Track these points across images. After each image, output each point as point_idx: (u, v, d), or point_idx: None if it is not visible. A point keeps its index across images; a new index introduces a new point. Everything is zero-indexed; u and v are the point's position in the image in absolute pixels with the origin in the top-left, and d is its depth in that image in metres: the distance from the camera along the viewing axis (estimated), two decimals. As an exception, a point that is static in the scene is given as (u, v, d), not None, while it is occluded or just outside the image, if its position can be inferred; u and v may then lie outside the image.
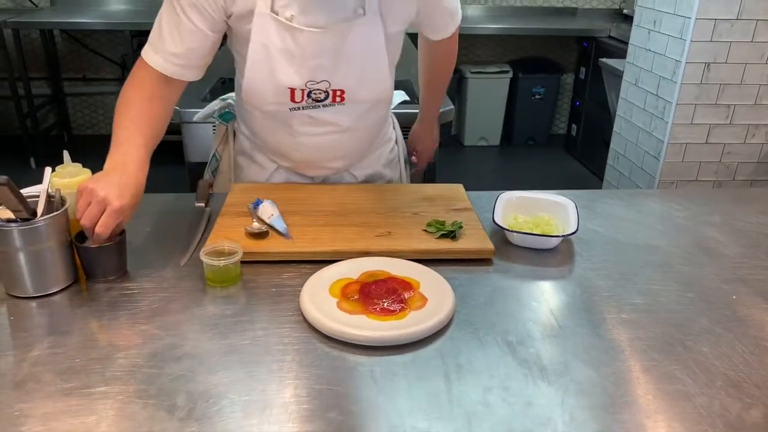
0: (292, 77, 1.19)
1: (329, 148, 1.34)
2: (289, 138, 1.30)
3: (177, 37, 1.14)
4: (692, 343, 0.90)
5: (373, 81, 1.25)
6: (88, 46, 4.38)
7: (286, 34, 1.15)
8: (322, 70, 1.19)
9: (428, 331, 0.89)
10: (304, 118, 1.26)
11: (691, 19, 2.50)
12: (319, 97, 1.23)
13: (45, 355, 0.84)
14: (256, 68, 1.19)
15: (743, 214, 1.35)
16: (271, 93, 1.22)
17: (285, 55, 1.17)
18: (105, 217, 0.96)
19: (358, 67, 1.21)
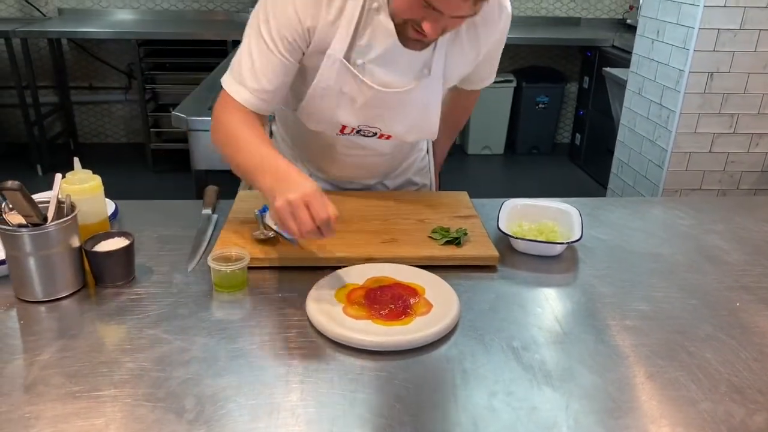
0: (348, 118, 1.21)
1: (367, 168, 1.39)
2: (330, 155, 1.34)
3: (271, 74, 1.10)
4: (696, 349, 0.91)
5: (422, 128, 1.27)
6: (95, 55, 4.42)
7: (353, 82, 1.15)
8: (378, 119, 1.22)
9: (433, 336, 0.90)
10: (347, 142, 1.30)
11: (694, 29, 2.51)
12: (368, 134, 1.26)
13: (54, 358, 0.85)
14: (315, 102, 1.18)
15: (747, 222, 1.35)
16: (322, 124, 1.24)
17: (346, 100, 1.17)
18: (314, 207, 0.94)
19: (412, 120, 1.24)
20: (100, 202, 1.11)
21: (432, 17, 1.00)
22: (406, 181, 1.50)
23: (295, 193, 0.95)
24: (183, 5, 4.37)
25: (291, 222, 0.95)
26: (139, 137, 4.51)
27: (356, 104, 1.18)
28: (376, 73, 1.14)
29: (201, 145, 2.11)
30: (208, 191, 1.33)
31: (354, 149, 1.32)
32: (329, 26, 1.09)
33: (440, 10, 0.97)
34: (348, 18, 1.08)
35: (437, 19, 1.00)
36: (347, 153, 1.33)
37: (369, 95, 1.16)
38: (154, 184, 4.01)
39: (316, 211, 0.94)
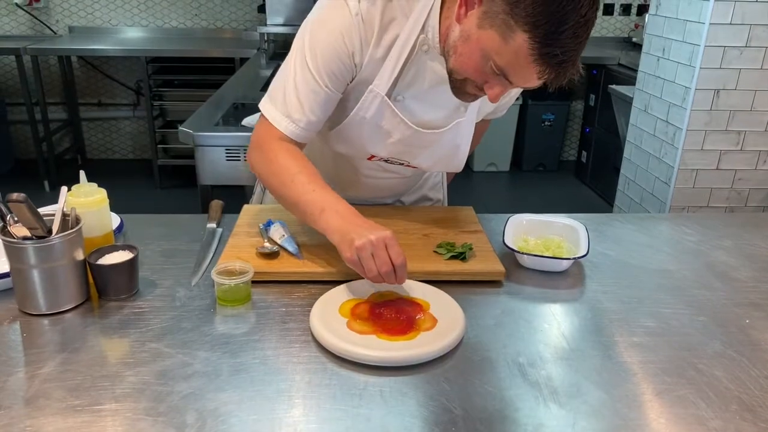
0: (378, 149, 1.21)
1: (387, 189, 1.40)
2: (353, 176, 1.34)
3: (315, 106, 1.10)
4: (705, 366, 0.89)
5: (448, 164, 1.27)
6: (104, 72, 4.47)
7: (393, 120, 1.14)
8: (408, 154, 1.22)
9: (438, 352, 0.89)
10: (372, 166, 1.30)
11: (700, 47, 2.52)
12: (394, 163, 1.26)
13: (56, 371, 0.84)
14: (348, 131, 1.18)
15: (755, 238, 1.34)
16: (352, 150, 1.23)
17: (382, 133, 1.16)
18: (393, 250, 0.97)
19: (440, 156, 1.23)
20: (105, 215, 1.11)
21: (500, 84, 0.96)
22: (421, 197, 1.50)
23: (377, 235, 0.97)
24: (192, 23, 4.43)
25: (370, 261, 0.96)
26: (147, 153, 4.54)
27: (391, 139, 1.18)
28: (415, 111, 1.14)
29: (207, 161, 2.12)
30: (213, 205, 1.33)
31: (378, 172, 1.32)
32: (375, 62, 1.08)
33: (513, 82, 0.94)
34: (396, 57, 1.07)
35: (504, 86, 0.96)
36: (370, 175, 1.33)
37: (407, 134, 1.16)
38: (161, 200, 4.03)
39: (396, 253, 0.97)
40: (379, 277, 0.97)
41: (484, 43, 0.92)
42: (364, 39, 1.05)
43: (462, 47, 0.96)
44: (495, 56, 0.91)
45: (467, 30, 0.94)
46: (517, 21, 0.86)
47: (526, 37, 0.86)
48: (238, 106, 2.61)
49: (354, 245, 0.97)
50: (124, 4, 4.34)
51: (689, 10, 2.59)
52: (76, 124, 4.54)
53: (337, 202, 1.06)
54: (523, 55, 0.88)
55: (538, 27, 0.85)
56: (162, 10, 4.38)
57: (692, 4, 2.57)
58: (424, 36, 1.06)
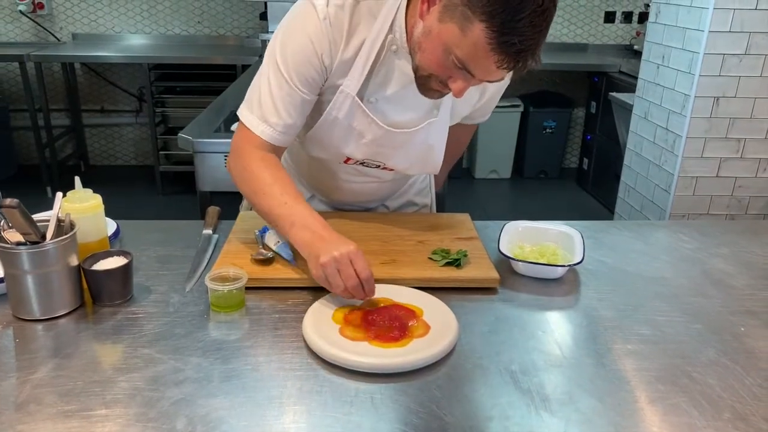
0: (354, 152, 1.21)
1: (369, 193, 1.39)
2: (332, 181, 1.35)
3: (291, 109, 1.11)
4: (699, 374, 0.89)
5: (424, 166, 1.29)
6: (107, 79, 4.50)
7: (364, 120, 1.15)
8: (383, 156, 1.23)
9: (431, 359, 0.89)
10: (350, 170, 1.30)
11: (699, 54, 2.52)
12: (371, 165, 1.26)
13: (48, 377, 0.84)
14: (322, 133, 1.19)
15: (752, 246, 1.34)
16: (327, 153, 1.24)
17: (354, 135, 1.17)
18: (358, 265, 0.97)
19: (415, 157, 1.24)
20: (100, 221, 1.11)
21: (462, 78, 0.97)
22: (406, 202, 1.50)
23: (340, 251, 0.98)
24: (194, 30, 4.45)
25: (336, 277, 0.97)
26: (149, 159, 4.56)
27: (364, 140, 1.18)
28: (387, 112, 1.15)
29: (206, 167, 2.13)
30: (210, 211, 1.34)
31: (356, 176, 1.32)
32: (345, 64, 1.10)
33: (474, 74, 0.95)
34: (365, 57, 1.09)
35: (467, 80, 0.98)
36: (349, 180, 1.33)
37: (378, 134, 1.17)
38: (162, 206, 4.04)
39: (361, 267, 0.98)
40: (347, 292, 0.98)
41: (444, 37, 0.93)
42: (333, 42, 1.07)
43: (425, 43, 0.98)
44: (455, 49, 0.93)
45: (429, 25, 0.96)
46: (474, 11, 0.88)
47: (483, 27, 0.88)
48: (239, 112, 2.62)
49: (319, 262, 0.98)
50: (127, 12, 4.37)
51: (689, 17, 2.59)
52: (79, 130, 4.56)
53: (307, 215, 1.07)
54: (482, 45, 0.89)
55: (494, 16, 0.87)
56: (165, 17, 4.41)
57: (692, 12, 2.57)
58: (392, 36, 1.08)
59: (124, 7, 4.36)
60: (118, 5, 4.35)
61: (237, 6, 4.41)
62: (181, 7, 4.40)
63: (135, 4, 4.35)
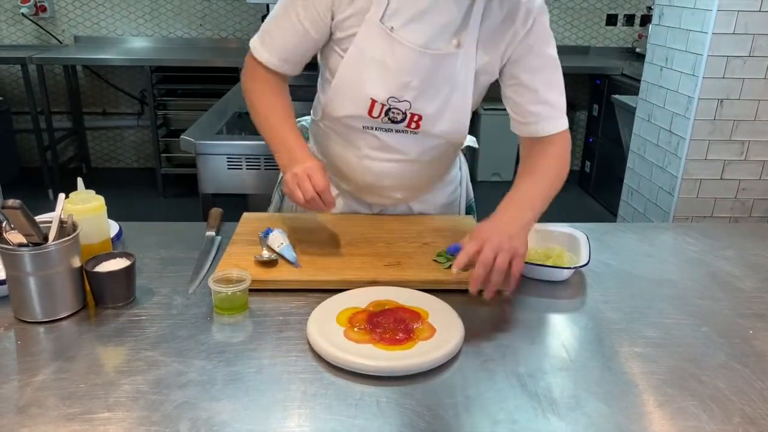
0: (378, 89, 1.19)
1: (392, 176, 1.32)
2: (356, 159, 1.31)
3: (283, 32, 1.20)
4: (708, 378, 0.88)
5: (451, 115, 1.24)
6: (108, 81, 4.50)
7: (387, 45, 1.16)
8: (408, 89, 1.19)
9: (436, 362, 0.88)
10: (373, 141, 1.26)
11: (703, 56, 2.51)
12: (396, 118, 1.22)
13: (50, 380, 0.84)
14: (347, 72, 1.20)
15: (758, 248, 1.33)
16: (352, 102, 1.22)
17: (378, 66, 1.17)
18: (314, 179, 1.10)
19: (442, 97, 1.21)
20: (103, 222, 1.10)
21: None
22: (431, 210, 1.44)
23: (302, 167, 1.11)
24: (196, 33, 4.45)
25: (296, 191, 1.10)
26: (150, 162, 4.56)
27: (387, 68, 1.17)
28: (407, 36, 1.16)
29: (209, 169, 2.12)
30: (213, 213, 1.33)
31: (379, 151, 1.28)
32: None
33: None
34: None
35: None
36: (372, 155, 1.29)
37: (400, 56, 1.16)
38: (164, 209, 4.03)
39: (317, 180, 1.10)
40: (308, 204, 1.10)
41: None
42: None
43: None
44: None
45: None
46: None
47: None
48: (242, 114, 2.62)
49: (286, 179, 1.12)
50: (129, 14, 4.37)
51: (692, 19, 2.59)
52: (81, 133, 4.56)
53: (288, 141, 1.19)
54: None
55: None
56: (167, 20, 4.41)
57: (695, 14, 2.57)
58: None
59: (126, 10, 4.36)
60: (120, 8, 4.35)
61: (239, 9, 4.41)
62: (183, 10, 4.40)
63: (137, 6, 4.36)
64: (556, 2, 4.57)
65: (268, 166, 2.12)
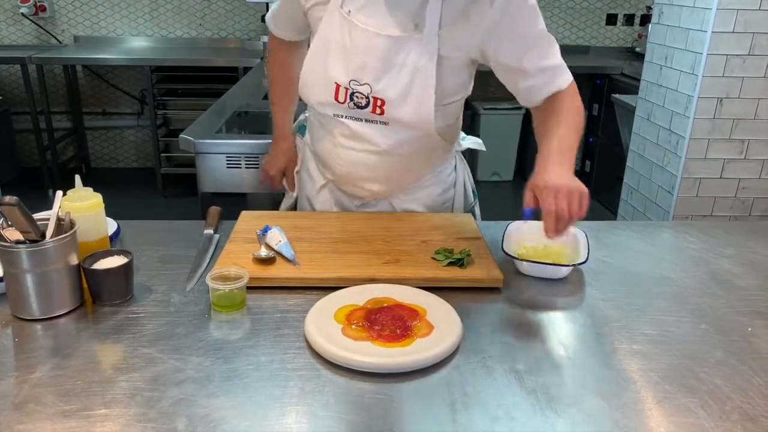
0: (339, 72, 1.23)
1: (365, 167, 1.33)
2: (331, 146, 1.35)
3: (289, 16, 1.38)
4: (706, 375, 0.88)
5: (414, 100, 1.22)
6: (108, 81, 4.50)
7: (345, 28, 1.21)
8: (367, 71, 1.21)
9: (434, 359, 0.88)
10: (345, 129, 1.29)
11: (702, 55, 2.51)
12: (360, 103, 1.24)
13: (47, 377, 0.83)
14: (313, 59, 1.28)
15: (758, 247, 1.32)
16: (320, 86, 1.27)
17: (339, 49, 1.23)
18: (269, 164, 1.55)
19: (403, 82, 1.21)
20: (101, 220, 1.10)
21: None
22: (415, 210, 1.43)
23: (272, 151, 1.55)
24: (196, 33, 4.45)
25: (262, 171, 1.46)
26: (150, 162, 4.56)
27: (346, 51, 1.21)
28: (363, 19, 1.20)
29: (208, 168, 2.12)
30: (211, 211, 1.33)
31: (351, 140, 1.30)
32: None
33: None
34: None
35: None
36: (345, 144, 1.31)
37: (357, 38, 1.20)
38: (164, 209, 4.03)
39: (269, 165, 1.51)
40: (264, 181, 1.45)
41: None
42: None
43: None
44: None
45: None
46: None
47: None
48: (241, 114, 2.61)
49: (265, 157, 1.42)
50: (129, 14, 4.37)
51: (691, 18, 2.59)
52: (81, 132, 4.56)
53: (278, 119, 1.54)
54: None
55: None
56: (167, 20, 4.41)
57: (694, 13, 2.56)
58: None
59: (126, 10, 4.36)
60: (120, 8, 4.35)
61: (239, 9, 4.41)
62: (183, 10, 4.40)
63: (137, 6, 4.36)
64: (556, 2, 4.56)
65: (268, 165, 2.11)
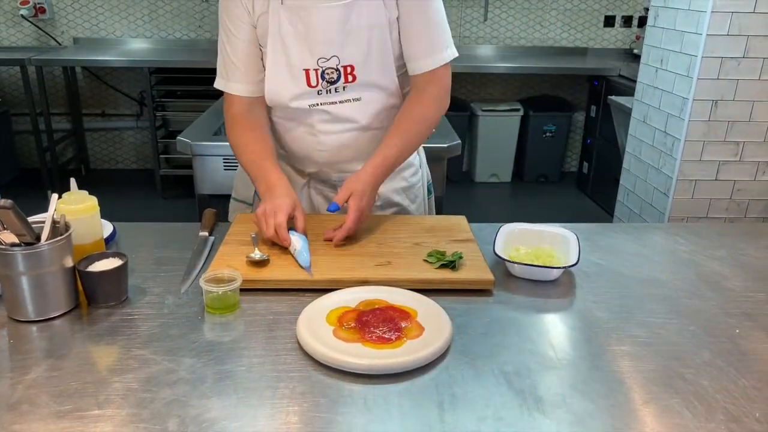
0: (305, 57, 1.26)
1: (348, 147, 1.37)
2: (311, 137, 1.37)
3: (240, 55, 1.30)
4: (693, 376, 0.89)
5: (378, 57, 1.28)
6: (108, 83, 4.51)
7: (295, 17, 1.24)
8: (330, 45, 1.25)
9: (423, 360, 0.89)
10: (324, 115, 1.32)
11: (697, 57, 2.52)
12: (333, 78, 1.28)
13: (41, 378, 0.85)
14: (274, 59, 1.28)
15: (750, 249, 1.34)
16: (290, 81, 1.29)
17: (296, 38, 1.25)
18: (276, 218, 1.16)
19: (363, 41, 1.26)
20: (96, 222, 1.11)
21: None
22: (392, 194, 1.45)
23: (270, 204, 1.18)
24: (195, 35, 4.47)
25: (262, 226, 1.17)
26: (149, 163, 4.57)
27: (302, 36, 1.24)
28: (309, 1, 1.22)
29: (205, 170, 2.13)
30: (206, 214, 1.34)
31: (330, 123, 1.33)
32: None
33: None
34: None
35: None
36: (325, 129, 1.34)
37: (310, 20, 1.23)
38: (163, 210, 4.04)
39: (278, 219, 1.15)
40: (268, 239, 1.17)
41: None
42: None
43: None
44: None
45: None
46: None
47: None
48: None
49: (257, 211, 1.19)
50: (128, 16, 4.38)
51: (687, 21, 2.60)
52: (80, 134, 4.58)
53: (268, 172, 1.26)
54: None
55: None
56: (166, 22, 4.43)
57: (690, 15, 2.58)
58: None
59: (126, 12, 4.37)
60: (119, 10, 4.37)
61: (237, 10, 4.42)
62: (182, 12, 4.41)
63: (136, 8, 4.37)
64: (553, 3, 4.58)
65: (264, 167, 2.12)
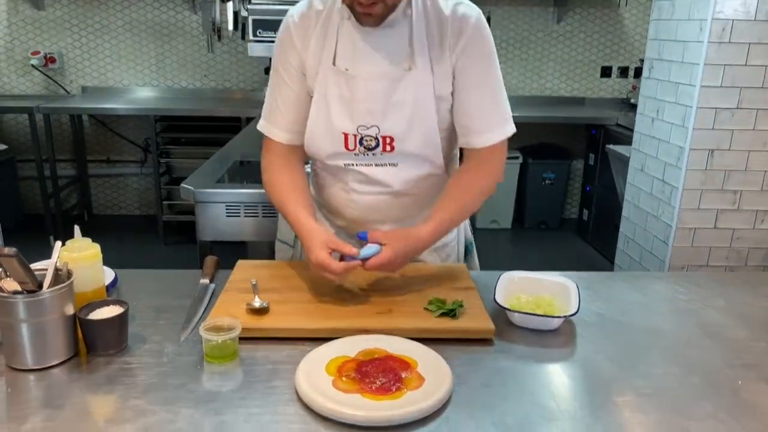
0: (345, 122, 1.28)
1: (379, 209, 1.38)
2: (344, 194, 1.38)
3: (288, 103, 1.33)
4: (696, 429, 0.88)
5: (419, 131, 1.29)
6: (113, 130, 4.58)
7: (342, 81, 1.27)
8: (372, 115, 1.27)
9: (424, 412, 0.88)
10: (358, 175, 1.34)
11: (692, 108, 2.57)
12: (371, 145, 1.30)
13: (37, 428, 0.84)
14: (316, 116, 1.31)
15: (750, 298, 1.34)
16: (328, 140, 1.31)
17: (340, 101, 1.28)
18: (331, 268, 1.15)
19: (406, 115, 1.27)
20: (98, 270, 1.12)
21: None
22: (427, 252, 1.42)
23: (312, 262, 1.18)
24: (200, 84, 4.56)
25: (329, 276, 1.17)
26: (152, 209, 4.59)
27: (347, 101, 1.27)
28: (357, 69, 1.26)
29: (207, 217, 2.14)
30: (207, 261, 1.35)
31: (364, 184, 1.34)
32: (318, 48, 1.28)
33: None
34: (333, 30, 1.27)
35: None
36: (358, 189, 1.35)
37: (355, 88, 1.26)
38: (165, 256, 4.04)
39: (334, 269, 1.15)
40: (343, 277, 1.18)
41: None
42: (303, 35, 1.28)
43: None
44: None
45: None
46: None
47: None
48: (244, 162, 2.66)
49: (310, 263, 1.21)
50: (136, 65, 4.49)
51: (681, 73, 2.66)
52: (84, 180, 4.62)
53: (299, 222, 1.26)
54: None
55: None
56: (172, 71, 4.53)
57: (683, 68, 2.64)
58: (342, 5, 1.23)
59: (133, 62, 4.48)
60: (127, 59, 4.47)
61: (242, 61, 4.53)
62: (189, 62, 4.52)
63: (144, 58, 4.48)
64: (551, 55, 4.69)
65: (266, 213, 2.14)
